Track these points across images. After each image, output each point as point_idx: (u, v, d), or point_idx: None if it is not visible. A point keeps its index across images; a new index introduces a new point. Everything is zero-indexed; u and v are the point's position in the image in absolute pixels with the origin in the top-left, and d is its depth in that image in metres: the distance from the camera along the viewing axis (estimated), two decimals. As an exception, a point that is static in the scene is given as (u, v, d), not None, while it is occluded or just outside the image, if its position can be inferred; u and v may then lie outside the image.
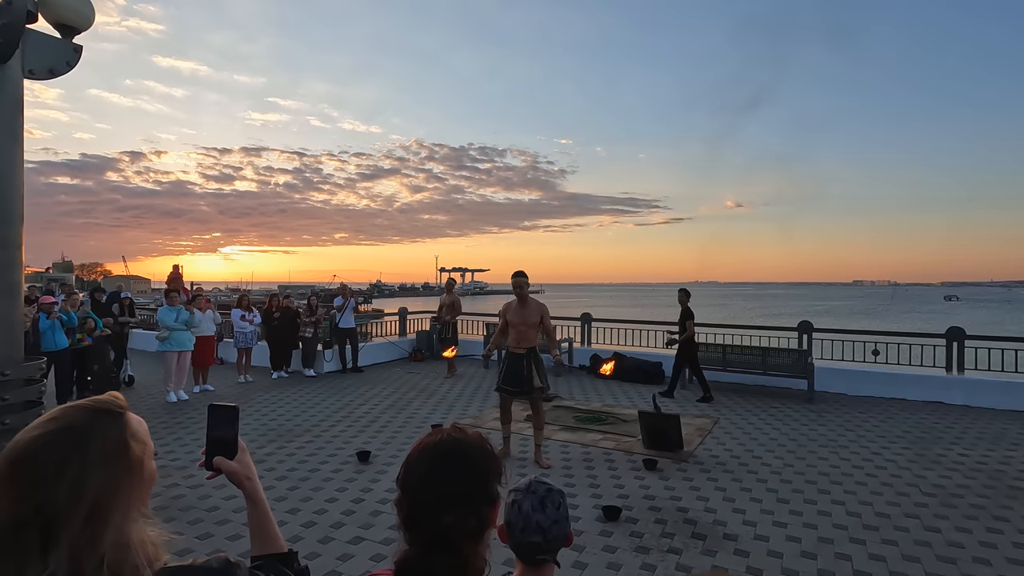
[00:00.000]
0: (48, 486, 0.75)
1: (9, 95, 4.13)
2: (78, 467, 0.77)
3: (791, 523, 4.15)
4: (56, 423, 0.80)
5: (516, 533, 1.19)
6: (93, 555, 0.75)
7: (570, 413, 7.34)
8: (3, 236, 4.16)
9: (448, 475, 0.98)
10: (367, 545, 3.79)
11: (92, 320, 8.15)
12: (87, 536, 0.75)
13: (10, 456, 0.77)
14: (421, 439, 1.06)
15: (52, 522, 0.74)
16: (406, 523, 0.99)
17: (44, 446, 0.78)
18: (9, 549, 0.73)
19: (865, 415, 7.29)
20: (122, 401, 0.87)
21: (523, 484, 1.26)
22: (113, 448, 0.81)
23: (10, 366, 4.18)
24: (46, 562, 0.73)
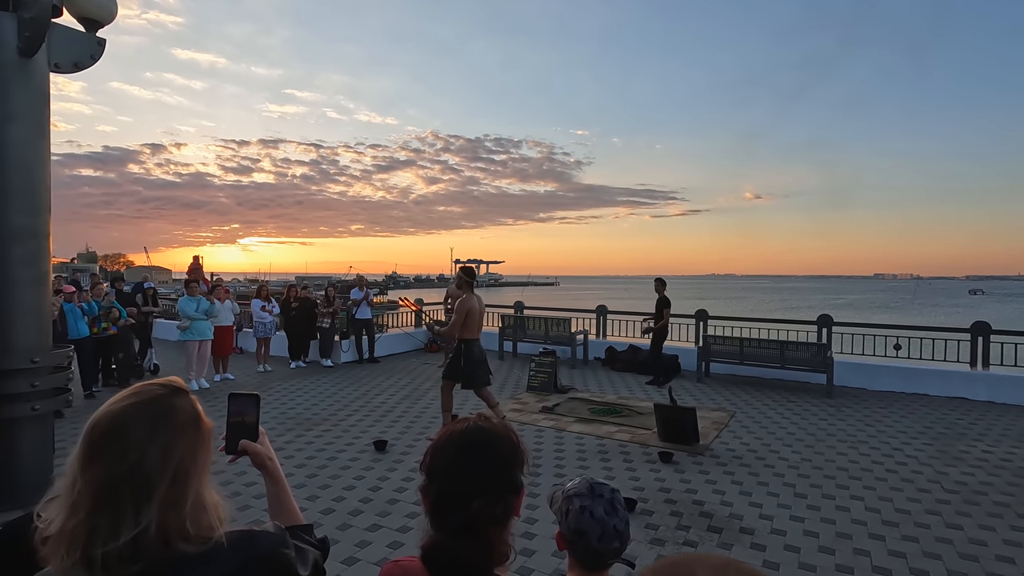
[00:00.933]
0: (143, 448, 0.84)
1: (36, 88, 4.23)
2: (166, 433, 0.86)
3: (809, 518, 4.12)
4: (142, 395, 0.89)
5: (593, 542, 1.16)
6: (178, 514, 0.84)
7: (585, 405, 7.34)
8: (32, 227, 4.27)
9: (476, 463, 1.00)
10: (384, 532, 3.85)
11: (116, 310, 8.32)
12: (173, 496, 0.84)
13: (105, 423, 0.85)
14: (447, 428, 1.07)
15: (145, 481, 0.82)
16: (433, 510, 1.00)
17: (137, 413, 0.86)
18: (106, 505, 0.80)
19: (886, 410, 7.18)
20: (184, 384, 0.96)
21: (582, 487, 1.22)
22: (191, 419, 0.91)
23: (40, 353, 4.31)
24: (138, 517, 0.81)
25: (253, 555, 0.91)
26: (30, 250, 4.23)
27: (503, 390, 8.29)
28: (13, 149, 4.13)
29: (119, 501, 0.81)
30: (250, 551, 0.91)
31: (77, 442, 0.85)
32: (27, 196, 4.19)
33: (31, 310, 4.27)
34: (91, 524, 0.80)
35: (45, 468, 4.40)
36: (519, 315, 11.45)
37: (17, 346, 4.18)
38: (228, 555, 0.87)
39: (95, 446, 0.84)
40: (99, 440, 0.84)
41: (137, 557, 0.80)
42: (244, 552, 0.90)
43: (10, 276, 4.16)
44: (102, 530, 0.80)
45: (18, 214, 4.16)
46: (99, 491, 0.81)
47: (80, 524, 0.80)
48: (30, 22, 3.95)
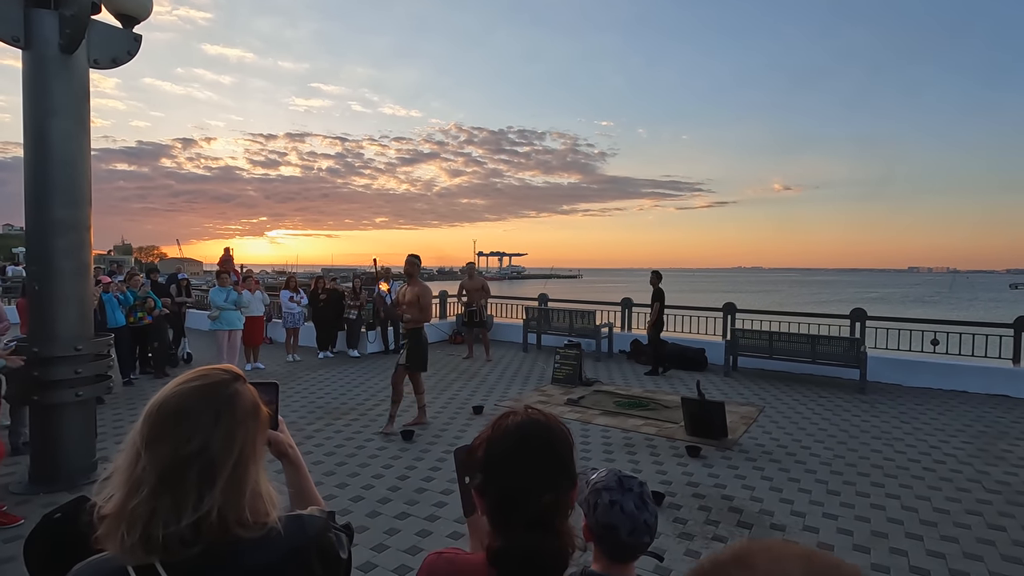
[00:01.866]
0: (209, 431, 0.84)
1: (77, 84, 4.34)
2: (230, 419, 0.87)
3: (842, 515, 4.03)
4: (206, 379, 0.89)
5: (624, 536, 1.15)
6: (238, 500, 0.85)
7: (611, 398, 7.30)
8: (74, 219, 4.40)
9: (541, 456, 0.98)
10: (413, 521, 3.89)
11: (152, 300, 8.56)
12: (234, 482, 0.85)
13: (174, 403, 0.86)
14: (498, 422, 1.04)
15: (210, 466, 0.83)
16: (497, 507, 0.97)
17: (204, 397, 0.87)
18: (170, 486, 0.81)
19: (922, 407, 6.97)
20: (242, 372, 0.97)
21: (611, 481, 1.21)
22: (252, 407, 0.92)
23: (82, 341, 4.45)
24: (200, 501, 0.81)
25: (303, 539, 0.92)
26: (72, 242, 4.36)
27: (528, 382, 8.30)
28: (55, 144, 4.26)
29: (183, 484, 0.81)
30: (301, 535, 0.92)
31: (139, 420, 0.85)
32: (69, 189, 4.32)
33: (74, 300, 4.41)
34: (153, 504, 0.80)
35: (88, 452, 4.56)
36: (543, 307, 11.43)
37: (61, 334, 4.34)
38: (282, 540, 0.88)
39: (162, 426, 0.84)
40: (166, 420, 0.84)
41: (197, 540, 0.81)
42: (296, 537, 0.91)
43: (54, 267, 4.31)
44: (164, 511, 0.80)
45: (60, 207, 4.30)
46: (164, 471, 0.81)
47: (142, 503, 0.80)
48: (71, 19, 4.06)
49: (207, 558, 0.82)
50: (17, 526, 3.72)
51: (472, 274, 10.82)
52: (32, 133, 4.24)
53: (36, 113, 4.22)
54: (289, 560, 0.89)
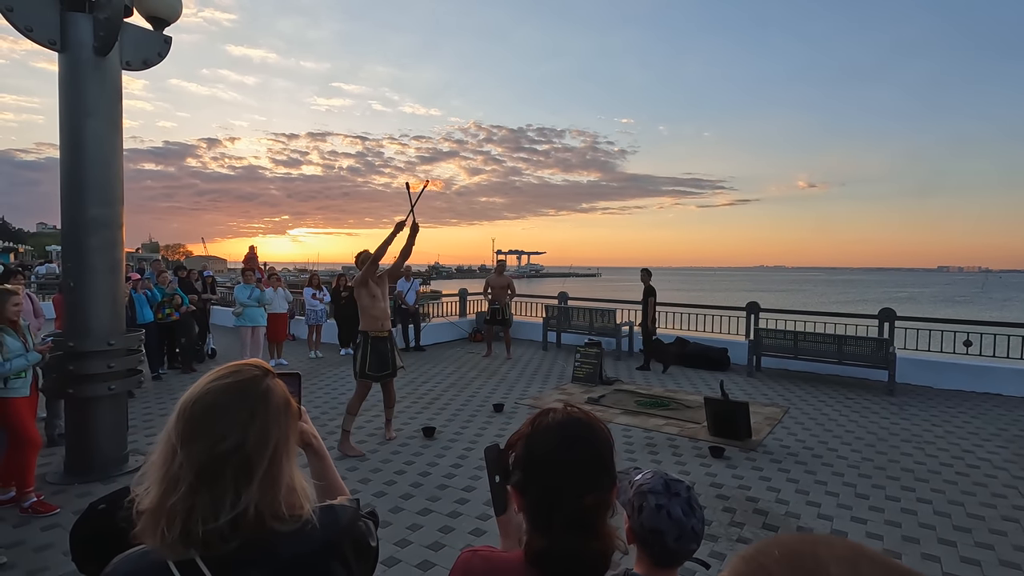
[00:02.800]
0: (244, 429, 0.84)
1: (110, 86, 4.45)
2: (264, 415, 0.87)
3: (871, 519, 3.94)
4: (238, 376, 0.89)
5: (671, 542, 1.12)
6: (274, 493, 0.85)
7: (631, 397, 7.25)
8: (107, 217, 4.51)
9: (585, 455, 0.96)
10: (435, 517, 3.92)
11: (179, 297, 8.75)
12: (270, 478, 0.85)
13: (208, 400, 0.86)
14: (537, 419, 1.02)
15: (246, 461, 0.83)
16: (537, 506, 0.96)
17: (238, 394, 0.87)
18: (208, 483, 0.82)
19: (954, 410, 6.78)
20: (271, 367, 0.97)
21: (657, 484, 1.18)
22: (283, 403, 0.92)
23: (114, 336, 4.56)
24: (238, 498, 0.82)
25: (337, 529, 0.93)
26: (106, 239, 4.48)
27: (548, 380, 8.29)
28: (90, 144, 4.37)
29: (221, 481, 0.82)
30: (335, 526, 0.93)
31: (172, 417, 0.85)
32: (103, 188, 4.44)
33: (107, 296, 4.53)
34: (192, 501, 0.80)
35: (120, 444, 4.69)
36: (563, 306, 11.39)
37: (94, 329, 4.46)
38: (318, 532, 0.89)
39: (197, 423, 0.84)
40: (201, 418, 0.84)
41: (235, 535, 0.82)
42: (330, 528, 0.92)
43: (88, 264, 4.43)
44: (203, 508, 0.81)
45: (94, 206, 4.41)
46: (201, 469, 0.82)
47: (180, 500, 0.80)
48: (105, 22, 4.16)
49: (245, 551, 0.83)
50: (53, 515, 3.84)
51: (500, 271, 10.81)
52: (68, 134, 4.36)
53: (71, 114, 4.34)
54: (324, 550, 0.90)
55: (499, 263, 11.34)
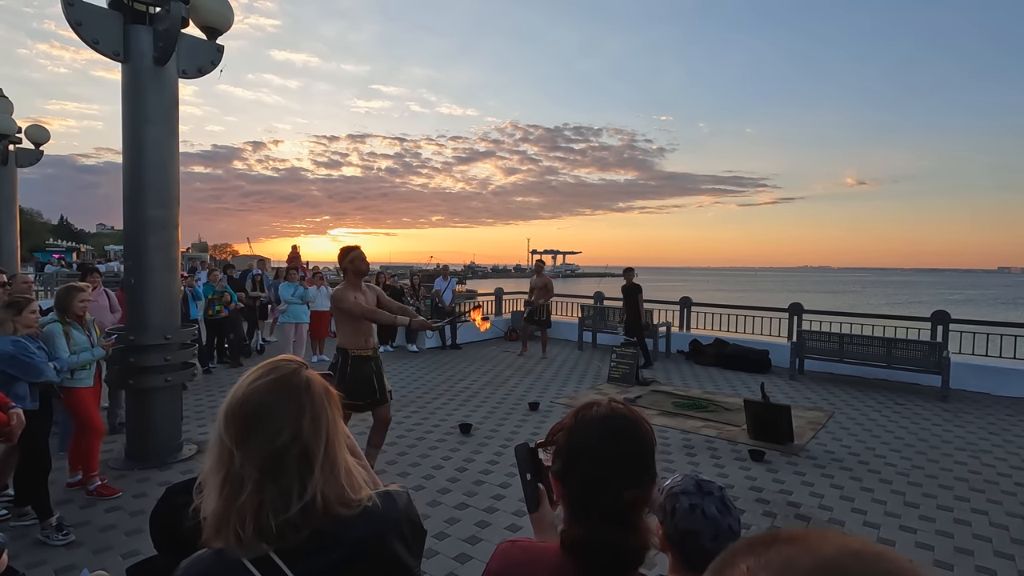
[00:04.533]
0: (297, 420, 0.87)
1: (168, 93, 4.69)
2: (311, 405, 0.90)
3: (922, 529, 3.80)
4: (279, 372, 0.91)
5: (707, 542, 1.11)
6: (336, 480, 0.88)
7: (668, 398, 7.17)
8: (164, 218, 4.76)
9: (627, 450, 0.96)
10: (471, 511, 3.98)
11: (228, 294, 9.12)
12: (329, 464, 0.88)
13: (255, 400, 0.88)
14: (581, 412, 1.03)
15: (304, 451, 0.86)
16: (578, 498, 0.96)
17: (282, 389, 0.89)
18: (273, 478, 0.84)
19: (1014, 418, 6.44)
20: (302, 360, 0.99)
21: (689, 485, 1.17)
22: (325, 392, 0.94)
23: (170, 331, 4.81)
24: (304, 487, 0.85)
25: (397, 512, 0.97)
26: (163, 239, 4.73)
27: (583, 380, 8.27)
28: (149, 149, 4.62)
29: (285, 474, 0.84)
30: (395, 508, 0.97)
31: (219, 421, 0.87)
32: (160, 191, 4.68)
33: (164, 292, 4.78)
34: (260, 497, 0.83)
35: (175, 433, 4.94)
36: (599, 306, 11.33)
37: (152, 324, 4.71)
38: (380, 513, 0.93)
39: (249, 423, 0.85)
40: (252, 417, 0.86)
41: (306, 524, 0.85)
42: (391, 510, 0.96)
43: (147, 262, 4.69)
44: (272, 502, 0.83)
45: (153, 207, 4.66)
46: (264, 465, 0.84)
47: (249, 498, 0.82)
48: (163, 33, 4.39)
49: (315, 539, 0.86)
50: (116, 497, 4.08)
51: (540, 272, 10.85)
52: (129, 140, 4.62)
53: (133, 121, 4.60)
54: (388, 531, 0.94)
55: (538, 263, 11.38)
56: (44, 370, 3.50)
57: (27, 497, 3.60)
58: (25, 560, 3.23)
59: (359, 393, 4.20)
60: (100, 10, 4.42)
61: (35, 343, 3.59)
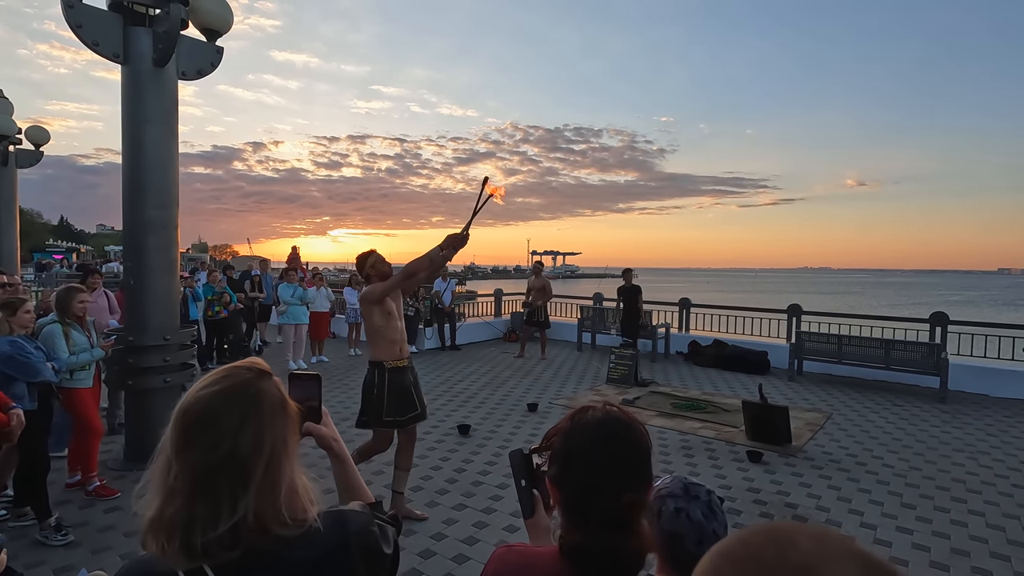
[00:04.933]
0: (236, 435, 0.82)
1: (168, 95, 4.70)
2: (257, 419, 0.85)
3: (918, 530, 3.81)
4: (230, 381, 0.87)
5: (691, 546, 1.11)
6: (274, 500, 0.84)
7: (667, 399, 7.18)
8: (164, 219, 4.77)
9: (622, 453, 0.95)
10: (470, 512, 3.99)
11: (228, 295, 9.13)
12: (268, 482, 0.83)
13: (197, 410, 0.84)
14: (576, 415, 1.02)
15: (241, 469, 0.82)
16: (574, 502, 0.95)
17: (227, 400, 0.85)
18: (204, 493, 0.81)
19: (1012, 419, 6.45)
20: (268, 366, 0.94)
21: (676, 488, 1.16)
22: (278, 404, 0.89)
23: (170, 332, 4.82)
24: (235, 506, 0.81)
25: (345, 536, 0.91)
26: (162, 240, 4.74)
27: (582, 381, 8.28)
28: (148, 150, 4.64)
29: (216, 490, 0.81)
30: (342, 533, 0.91)
31: (168, 426, 0.85)
32: (160, 191, 4.70)
33: (163, 293, 4.79)
34: (189, 511, 0.80)
35: (174, 434, 4.95)
36: (598, 307, 11.35)
37: (151, 325, 4.72)
38: (323, 537, 0.88)
39: (189, 432, 0.83)
40: (192, 426, 0.83)
41: (236, 543, 0.81)
42: (337, 533, 0.90)
43: (146, 263, 4.70)
44: (201, 519, 0.80)
45: (152, 208, 4.68)
46: (196, 479, 0.81)
47: (178, 512, 0.80)
48: (163, 35, 4.40)
49: (250, 558, 0.82)
50: (115, 498, 4.09)
51: (538, 273, 10.85)
52: (129, 140, 4.63)
53: (132, 122, 4.61)
54: (331, 556, 0.88)
55: (536, 264, 11.40)
56: (41, 370, 3.52)
57: (26, 497, 3.61)
58: (24, 560, 3.24)
59: (403, 407, 3.83)
60: (100, 12, 4.43)
61: (32, 343, 3.60)
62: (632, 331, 9.60)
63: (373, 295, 3.75)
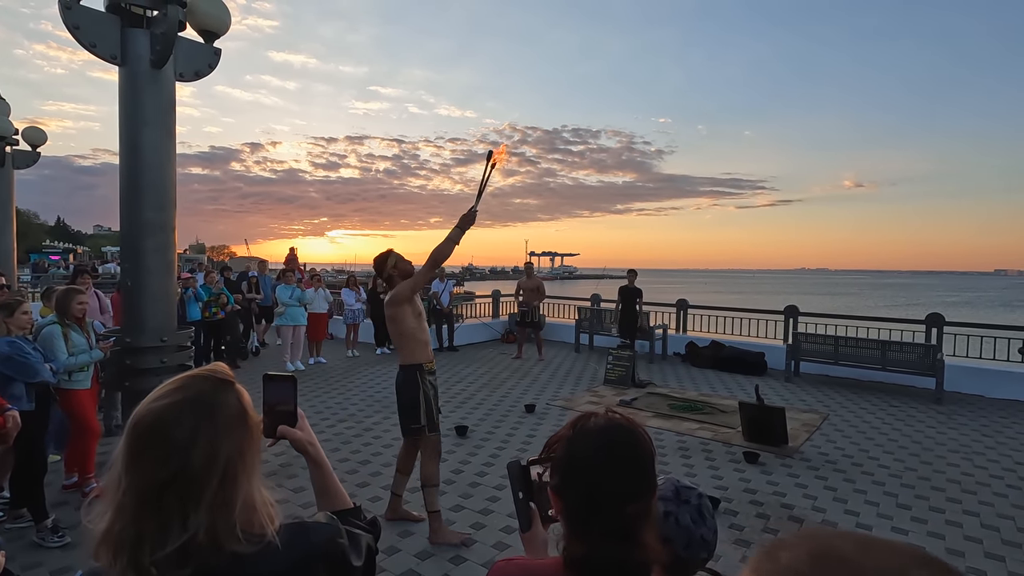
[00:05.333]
0: (187, 450, 0.79)
1: (165, 97, 4.70)
2: (211, 433, 0.81)
3: (914, 531, 3.83)
4: (185, 392, 0.84)
5: (680, 550, 1.10)
6: (227, 516, 0.80)
7: (664, 400, 7.20)
8: (161, 220, 4.77)
9: (628, 463, 0.93)
10: (467, 514, 4.00)
11: (225, 296, 9.13)
12: (222, 498, 0.80)
13: (147, 422, 0.80)
14: (579, 422, 0.99)
15: (192, 486, 0.78)
16: (577, 513, 0.93)
17: (180, 413, 0.81)
18: (152, 510, 0.77)
19: (1007, 420, 6.48)
20: (231, 372, 0.91)
21: (667, 491, 1.14)
22: (238, 415, 0.86)
23: (167, 333, 4.82)
24: (186, 523, 0.77)
25: (307, 550, 0.87)
26: (160, 242, 4.73)
27: (580, 382, 8.29)
28: (146, 151, 4.63)
29: (166, 507, 0.78)
30: (304, 546, 0.87)
31: (121, 437, 0.82)
32: (157, 193, 4.69)
33: (160, 295, 4.78)
34: (137, 529, 0.77)
35: (171, 435, 4.94)
36: (596, 308, 11.36)
37: (148, 326, 4.71)
38: (282, 553, 0.83)
39: (138, 447, 0.80)
40: (142, 441, 0.80)
41: (187, 561, 0.78)
42: (298, 548, 0.86)
43: (144, 265, 4.69)
44: (149, 537, 0.77)
45: (150, 209, 4.67)
46: (144, 495, 0.78)
47: (126, 528, 0.77)
48: (160, 37, 4.41)
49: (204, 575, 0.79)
50: (112, 500, 4.09)
51: (530, 274, 10.89)
52: (126, 142, 4.63)
53: (130, 124, 4.61)
54: (292, 572, 0.85)
55: (527, 265, 11.44)
56: (40, 370, 3.52)
57: (23, 499, 3.61)
58: (21, 562, 3.24)
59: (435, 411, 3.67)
60: (98, 14, 4.43)
61: (30, 344, 3.60)
62: (630, 332, 9.63)
63: (404, 294, 3.61)
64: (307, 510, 3.84)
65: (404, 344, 3.67)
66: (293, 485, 4.41)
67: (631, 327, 9.67)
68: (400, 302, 3.60)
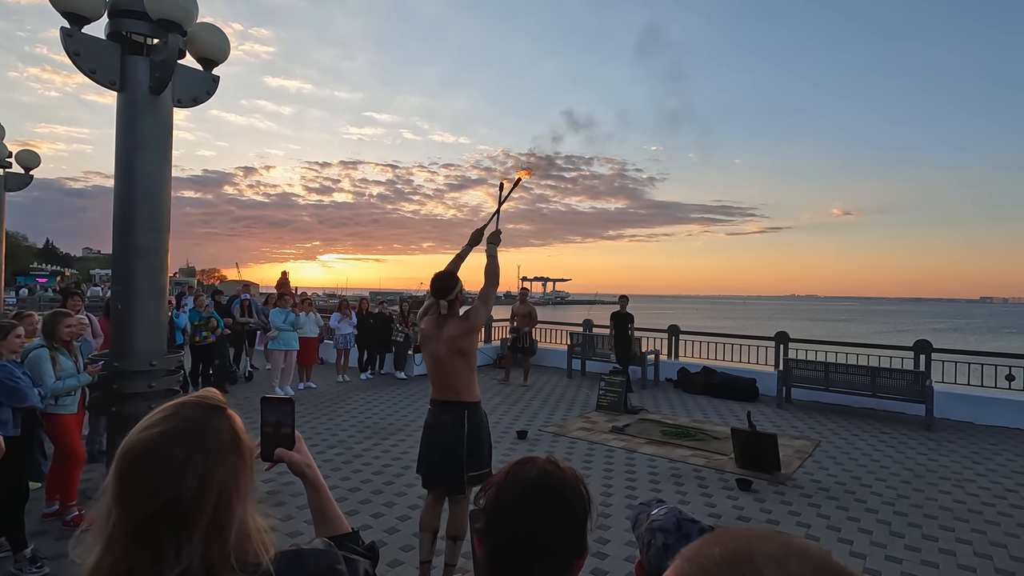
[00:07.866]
0: (179, 480, 0.77)
1: (162, 122, 4.75)
2: (203, 461, 0.80)
3: (907, 559, 3.81)
4: (175, 420, 0.82)
5: None
6: (222, 545, 0.78)
7: (657, 427, 7.17)
8: (154, 243, 4.76)
9: (548, 511, 0.88)
10: (458, 542, 3.93)
11: (215, 320, 9.06)
12: (216, 527, 0.78)
13: (137, 452, 0.79)
14: (513, 467, 0.95)
15: (184, 515, 0.77)
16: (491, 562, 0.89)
17: (170, 442, 0.80)
18: (145, 541, 0.76)
19: (997, 447, 6.51)
20: (222, 398, 0.90)
21: (669, 523, 1.12)
22: (230, 442, 0.84)
23: (156, 358, 4.77)
24: (179, 554, 0.76)
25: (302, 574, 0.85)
26: (152, 265, 4.71)
27: (572, 408, 8.25)
28: (141, 175, 4.65)
29: (158, 538, 0.76)
30: (299, 573, 0.86)
31: (111, 467, 0.81)
32: (151, 216, 4.69)
33: (151, 318, 4.74)
34: (128, 562, 0.75)
35: (156, 462, 4.85)
36: (588, 333, 11.38)
37: (138, 350, 4.67)
38: None
39: (128, 477, 0.78)
40: (132, 471, 0.78)
41: None
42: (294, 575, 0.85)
43: (135, 288, 4.66)
44: (142, 569, 0.75)
45: (143, 232, 4.67)
46: (135, 527, 0.76)
47: (118, 561, 0.75)
48: (160, 64, 4.47)
49: None
50: (93, 529, 3.98)
51: (523, 299, 10.96)
52: (122, 166, 4.65)
53: (127, 148, 4.64)
54: None
55: (522, 291, 11.50)
56: (29, 395, 3.47)
57: (2, 527, 3.51)
58: (-4, 594, 3.14)
59: None
60: (99, 41, 4.51)
61: (20, 368, 3.56)
62: (623, 358, 9.63)
63: (481, 320, 3.24)
64: (295, 538, 3.76)
65: (467, 379, 3.24)
66: (281, 513, 4.33)
67: (624, 352, 9.69)
68: (477, 329, 3.25)
